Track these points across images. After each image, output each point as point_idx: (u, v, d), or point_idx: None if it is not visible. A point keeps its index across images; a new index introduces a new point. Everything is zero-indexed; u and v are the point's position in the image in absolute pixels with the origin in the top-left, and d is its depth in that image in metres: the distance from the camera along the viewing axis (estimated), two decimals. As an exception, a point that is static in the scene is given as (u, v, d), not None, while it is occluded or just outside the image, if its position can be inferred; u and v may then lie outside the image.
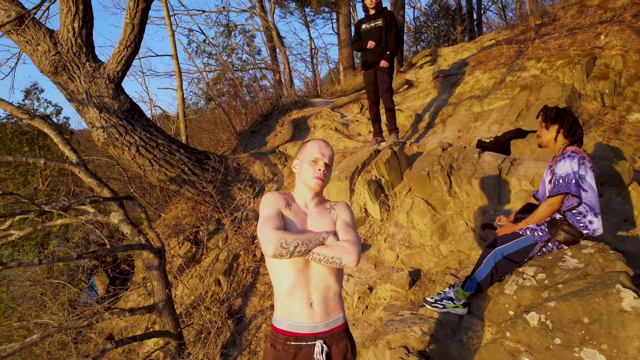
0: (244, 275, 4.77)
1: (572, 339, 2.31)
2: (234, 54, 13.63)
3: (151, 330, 4.83)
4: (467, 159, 3.68)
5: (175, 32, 10.29)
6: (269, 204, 1.73)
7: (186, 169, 4.79)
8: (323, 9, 10.97)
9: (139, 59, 12.70)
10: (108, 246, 3.38)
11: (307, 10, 10.77)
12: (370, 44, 5.06)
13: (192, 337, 4.22)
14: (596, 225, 2.57)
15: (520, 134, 4.25)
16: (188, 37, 20.32)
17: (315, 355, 1.65)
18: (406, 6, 22.27)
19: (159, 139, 4.75)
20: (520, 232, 2.72)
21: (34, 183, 8.77)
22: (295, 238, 1.58)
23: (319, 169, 1.75)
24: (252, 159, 5.54)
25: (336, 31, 11.90)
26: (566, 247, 2.65)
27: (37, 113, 3.91)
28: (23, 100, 10.56)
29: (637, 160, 4.41)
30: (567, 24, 6.72)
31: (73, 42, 4.46)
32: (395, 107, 5.84)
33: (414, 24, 22.13)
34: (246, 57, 14.93)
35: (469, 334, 2.88)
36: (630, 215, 3.78)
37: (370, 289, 3.76)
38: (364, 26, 5.22)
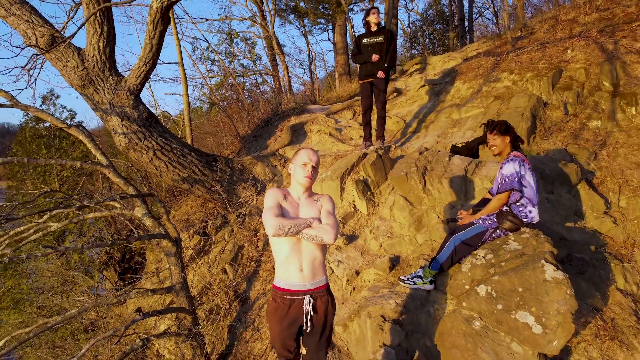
0: (248, 263, 5.35)
1: (510, 305, 2.90)
2: (235, 60, 14.21)
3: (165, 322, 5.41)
4: (439, 162, 4.27)
5: (180, 41, 10.88)
6: (270, 197, 2.31)
7: (197, 170, 5.36)
8: (319, 21, 11.56)
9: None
10: (136, 235, 3.94)
11: (305, 20, 11.35)
12: (375, 57, 5.58)
13: (203, 316, 4.80)
14: (534, 214, 3.16)
15: (480, 140, 4.82)
16: (192, 45, 20.92)
17: (304, 306, 2.23)
18: (403, 9, 22.66)
19: (173, 143, 5.33)
20: (475, 222, 3.31)
21: (51, 183, 9.33)
22: (289, 222, 2.17)
23: (308, 170, 2.34)
24: (254, 161, 6.11)
25: (332, 40, 12.49)
26: (510, 233, 3.24)
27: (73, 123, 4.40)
28: (41, 105, 11.14)
29: (590, 163, 5.00)
30: (540, 38, 7.30)
31: (98, 58, 5.04)
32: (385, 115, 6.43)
33: (410, 28, 22.64)
34: (247, 63, 15.53)
35: (435, 306, 3.46)
36: (579, 210, 4.38)
37: (357, 273, 4.34)
38: (365, 40, 5.75)
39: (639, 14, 7.22)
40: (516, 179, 3.10)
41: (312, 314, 2.25)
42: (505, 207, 3.22)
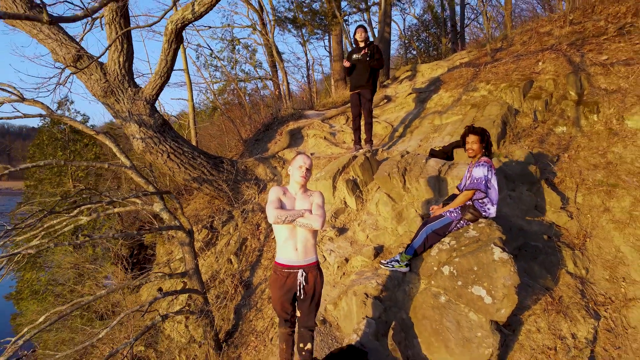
0: (251, 253, 5.95)
1: (467, 281, 3.50)
2: (237, 66, 14.78)
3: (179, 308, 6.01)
4: (417, 164, 4.87)
5: (185, 48, 11.47)
6: (273, 193, 2.90)
7: (205, 170, 5.95)
8: (316, 31, 12.14)
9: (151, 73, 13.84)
10: (157, 226, 4.53)
11: (303, 30, 11.92)
12: (346, 63, 6.15)
13: (212, 300, 5.40)
14: (492, 211, 3.77)
15: (457, 144, 5.41)
16: (197, 52, 21.47)
17: (298, 277, 2.83)
18: (399, 13, 23.00)
19: (184, 147, 5.92)
20: (444, 214, 3.91)
21: (66, 182, 9.89)
22: (285, 213, 2.76)
23: (302, 172, 2.93)
24: (256, 162, 6.71)
25: (328, 50, 13.09)
26: (471, 224, 3.84)
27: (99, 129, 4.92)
28: (57, 110, 11.70)
29: (553, 165, 5.60)
30: (517, 50, 7.90)
31: (118, 72, 5.63)
32: (374, 119, 7.03)
33: (405, 34, 23.13)
34: (249, 69, 16.12)
35: (409, 285, 4.06)
36: (539, 205, 4.99)
37: (347, 260, 4.93)
38: (354, 56, 6.35)
39: (607, 28, 7.83)
40: (483, 182, 3.70)
41: (304, 284, 2.85)
42: (469, 202, 3.82)
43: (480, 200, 3.82)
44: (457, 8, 19.07)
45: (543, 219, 4.88)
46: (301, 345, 2.99)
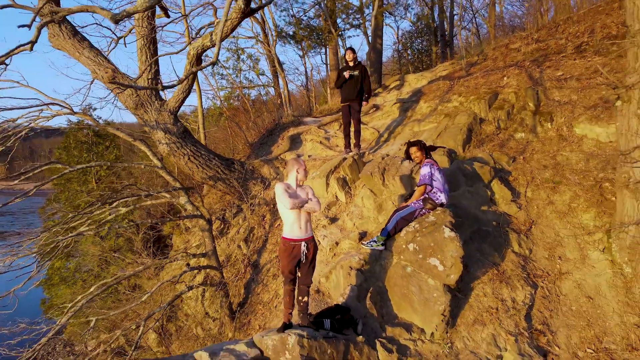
0: (258, 240, 6.95)
1: (426, 254, 4.50)
2: (241, 74, 15.75)
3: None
4: (394, 165, 5.87)
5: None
6: (281, 188, 3.88)
7: (219, 170, 6.94)
8: (314, 45, 13.14)
9: (161, 81, 14.82)
10: (183, 214, 5.52)
11: (302, 44, 12.90)
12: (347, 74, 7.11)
13: (227, 275, 6.40)
14: (443, 198, 4.77)
15: (432, 148, 6.39)
16: (204, 61, 22.35)
17: (302, 248, 3.83)
18: (395, 18, 23.66)
19: (202, 150, 6.91)
20: (409, 205, 4.92)
21: (90, 181, 10.84)
22: (297, 201, 3.75)
23: (297, 173, 3.93)
24: (262, 163, 7.70)
25: (325, 62, 14.12)
26: (431, 212, 4.84)
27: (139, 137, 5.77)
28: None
29: (509, 165, 6.60)
30: (487, 65, 8.90)
31: (145, 77, 6.62)
32: (364, 126, 8.03)
33: (399, 40, 23.96)
34: (252, 76, 17.11)
35: (385, 260, 5.06)
36: (493, 198, 6.00)
37: (337, 243, 5.93)
38: (344, 73, 7.31)
39: (566, 46, 8.84)
40: (428, 177, 4.72)
41: (305, 252, 3.86)
42: (426, 195, 4.83)
43: (432, 192, 4.84)
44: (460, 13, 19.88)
45: (496, 210, 5.88)
46: (300, 297, 4.00)
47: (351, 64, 7.18)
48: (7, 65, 3.99)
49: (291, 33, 12.48)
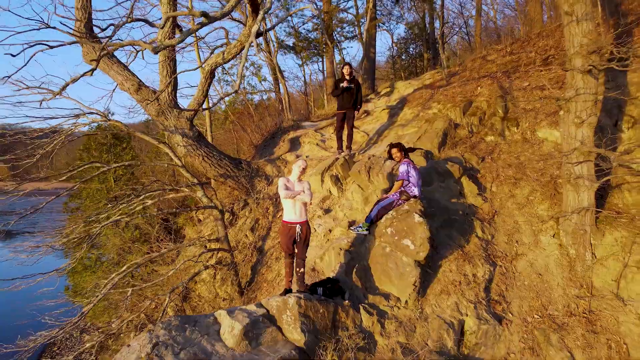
0: (262, 229, 7.87)
1: (401, 236, 5.43)
2: (245, 80, 16.67)
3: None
4: (378, 164, 6.81)
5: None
6: (281, 181, 4.82)
7: (229, 169, 7.87)
8: (311, 55, 14.08)
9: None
10: (202, 205, 6.45)
11: (301, 54, 13.84)
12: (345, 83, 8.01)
13: (236, 258, 7.32)
14: (416, 192, 5.71)
15: (411, 149, 7.32)
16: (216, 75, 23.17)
17: (296, 229, 4.76)
18: (390, 25, 24.65)
19: (214, 151, 7.84)
20: (389, 196, 5.85)
21: (108, 180, 11.75)
22: (290, 192, 4.69)
23: (300, 170, 4.87)
24: (266, 163, 8.63)
25: (322, 70, 15.07)
26: (406, 202, 5.77)
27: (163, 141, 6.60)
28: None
29: (478, 164, 7.53)
30: (465, 75, 9.83)
31: (167, 98, 7.54)
32: (355, 130, 8.96)
33: (393, 48, 24.78)
34: (255, 82, 18.04)
35: (368, 243, 5.98)
36: (462, 192, 6.93)
37: (330, 231, 6.86)
38: (341, 84, 8.19)
39: (535, 59, 9.77)
40: (404, 173, 5.66)
41: (299, 233, 4.79)
42: (402, 188, 5.77)
43: (407, 186, 5.78)
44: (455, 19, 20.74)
45: (464, 202, 6.82)
46: (297, 269, 4.93)
47: (347, 77, 8.07)
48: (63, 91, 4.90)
49: (291, 44, 13.41)
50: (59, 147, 6.00)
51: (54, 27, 4.20)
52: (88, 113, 6.19)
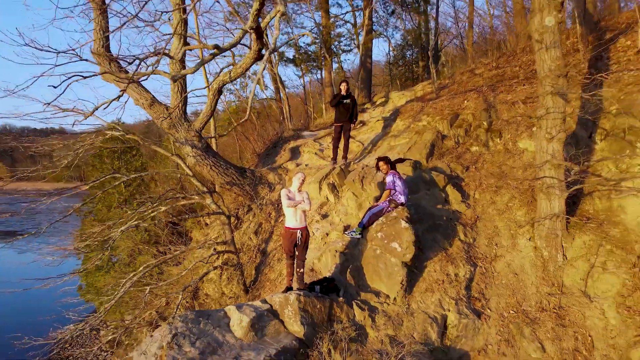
0: (265, 233, 8.46)
1: (389, 240, 6.02)
2: (247, 89, 17.26)
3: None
4: (370, 173, 7.40)
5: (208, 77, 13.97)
6: (283, 192, 5.41)
7: (235, 177, 8.45)
8: (311, 68, 14.70)
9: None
10: (210, 210, 7.04)
11: (301, 66, 14.46)
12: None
13: (242, 259, 7.91)
14: (402, 199, 6.30)
15: (400, 160, 7.90)
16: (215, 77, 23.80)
17: (297, 234, 5.36)
18: (387, 32, 24.98)
19: (221, 161, 8.43)
20: (378, 204, 6.45)
21: (121, 185, 12.33)
22: (292, 202, 5.29)
23: (300, 182, 5.46)
24: (268, 171, 9.22)
25: (320, 81, 15.69)
26: (394, 209, 6.36)
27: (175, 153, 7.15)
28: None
29: (459, 173, 8.12)
30: (454, 89, 10.43)
31: (178, 112, 8.13)
32: (351, 140, 9.56)
33: (390, 55, 25.24)
34: (257, 90, 18.65)
35: (361, 246, 6.57)
36: (447, 199, 7.52)
37: (327, 234, 7.45)
38: (342, 100, 8.76)
39: (519, 73, 10.38)
40: (391, 184, 6.25)
41: (300, 237, 5.38)
42: (390, 197, 6.36)
43: (395, 194, 6.38)
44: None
45: (449, 208, 7.40)
46: (297, 269, 5.53)
47: (344, 93, 8.66)
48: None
49: (291, 57, 14.03)
50: (79, 157, 6.58)
51: (86, 60, 4.78)
52: (109, 129, 6.79)
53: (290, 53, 14.28)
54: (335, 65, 16.87)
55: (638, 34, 9.27)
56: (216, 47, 4.85)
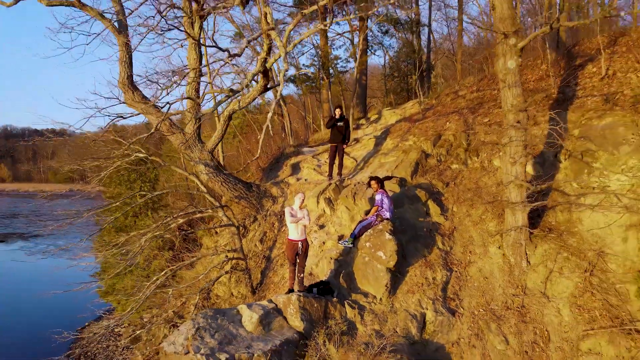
0: (269, 241, 9.40)
1: (376, 249, 6.96)
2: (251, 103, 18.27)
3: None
4: (361, 190, 8.36)
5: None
6: (287, 210, 6.37)
7: (242, 192, 9.40)
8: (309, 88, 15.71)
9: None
10: (224, 222, 7.98)
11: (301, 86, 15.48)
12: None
13: (249, 264, 8.85)
14: (388, 215, 7.25)
15: (388, 178, 8.85)
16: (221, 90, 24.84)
17: (298, 245, 6.31)
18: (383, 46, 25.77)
19: (230, 178, 9.38)
20: (367, 218, 7.40)
21: (136, 195, 13.25)
22: (296, 218, 6.25)
23: (300, 201, 6.43)
24: (272, 185, 10.18)
25: (318, 99, 16.72)
26: (380, 223, 7.31)
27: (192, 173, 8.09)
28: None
29: (440, 189, 9.07)
30: (439, 110, 11.41)
31: (193, 135, 9.09)
32: (345, 156, 10.52)
33: (390, 61, 25.56)
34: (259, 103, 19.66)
35: (353, 254, 7.51)
36: (428, 212, 8.47)
37: (324, 243, 8.38)
38: (337, 123, 9.73)
39: (498, 96, 11.33)
40: (379, 201, 7.20)
41: (301, 247, 6.33)
42: (378, 212, 7.31)
43: (382, 210, 7.33)
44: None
45: (429, 220, 8.36)
46: (298, 274, 6.46)
47: (338, 117, 9.63)
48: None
49: (292, 77, 15.02)
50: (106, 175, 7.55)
51: (124, 102, 5.73)
52: (137, 152, 7.75)
53: (291, 70, 15.26)
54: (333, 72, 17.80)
55: (601, 61, 10.27)
56: (231, 90, 5.82)
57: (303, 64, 15.10)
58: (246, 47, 5.71)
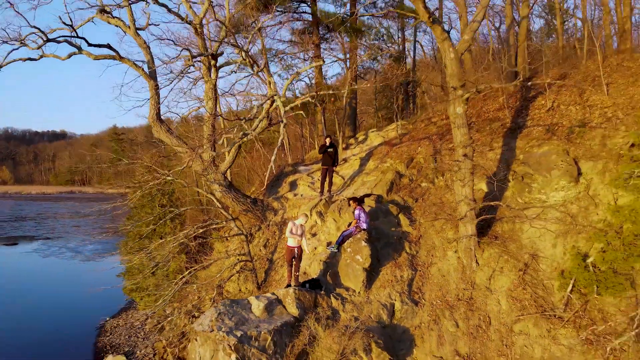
0: (272, 246, 11.11)
1: (355, 253, 8.67)
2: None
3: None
4: (345, 206, 10.08)
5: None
6: (289, 225, 8.08)
7: (249, 206, 11.10)
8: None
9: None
10: (235, 232, 9.68)
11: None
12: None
13: (255, 265, 10.55)
14: (364, 226, 8.95)
15: (367, 195, 10.56)
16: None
17: (295, 250, 8.02)
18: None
19: (239, 194, 11.09)
20: (349, 229, 9.13)
21: (155, 205, 14.98)
22: (295, 237, 7.99)
23: (303, 220, 8.16)
24: (273, 200, 11.89)
25: (313, 123, 18.58)
26: (359, 233, 9.03)
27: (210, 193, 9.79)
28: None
29: (410, 204, 10.80)
30: (413, 136, 13.17)
31: (210, 161, 10.81)
32: (335, 175, 12.27)
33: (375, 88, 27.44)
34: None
35: (338, 257, 9.22)
36: (400, 224, 10.21)
37: (315, 248, 10.10)
38: (326, 149, 11.46)
39: (470, 122, 13.09)
40: (357, 216, 8.92)
41: (297, 253, 8.04)
42: (357, 224, 9.04)
43: (360, 222, 9.05)
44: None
45: (400, 230, 10.08)
46: (294, 273, 8.12)
47: (328, 144, 11.37)
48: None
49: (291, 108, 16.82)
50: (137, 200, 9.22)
51: (165, 157, 7.49)
52: (163, 174, 9.47)
53: (288, 93, 17.00)
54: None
55: (546, 96, 12.07)
56: (244, 134, 7.54)
57: (300, 92, 16.89)
58: (256, 112, 7.34)
